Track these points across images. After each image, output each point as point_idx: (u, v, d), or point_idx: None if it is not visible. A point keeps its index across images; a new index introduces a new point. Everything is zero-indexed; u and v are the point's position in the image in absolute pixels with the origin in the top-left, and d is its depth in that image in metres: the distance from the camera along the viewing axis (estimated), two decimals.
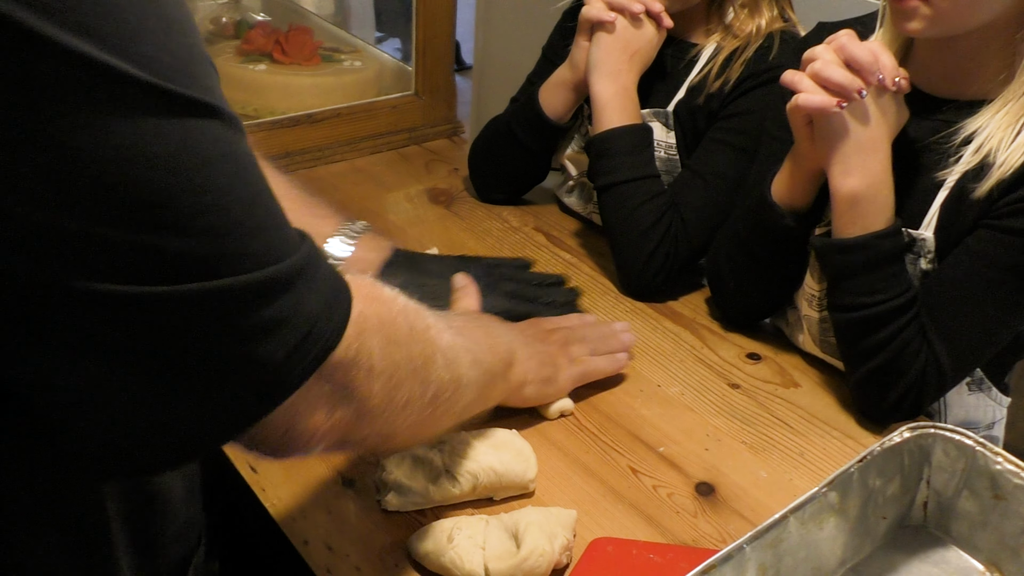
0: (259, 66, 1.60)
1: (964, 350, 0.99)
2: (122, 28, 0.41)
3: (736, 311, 1.19)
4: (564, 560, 0.81)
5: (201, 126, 0.45)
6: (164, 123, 0.43)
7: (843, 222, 0.98)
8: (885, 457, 0.79)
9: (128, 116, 0.41)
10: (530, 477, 0.89)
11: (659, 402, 1.05)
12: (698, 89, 1.26)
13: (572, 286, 1.17)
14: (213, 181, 0.45)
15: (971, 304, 0.97)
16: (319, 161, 1.51)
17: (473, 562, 0.78)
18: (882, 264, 0.97)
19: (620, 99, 1.23)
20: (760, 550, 0.71)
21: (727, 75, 1.24)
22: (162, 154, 0.43)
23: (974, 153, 0.95)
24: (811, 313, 1.08)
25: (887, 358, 0.98)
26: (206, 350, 0.46)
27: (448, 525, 0.81)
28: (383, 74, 1.70)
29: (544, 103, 1.32)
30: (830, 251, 1.00)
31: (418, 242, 1.32)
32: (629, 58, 1.23)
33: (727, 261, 1.14)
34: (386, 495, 0.86)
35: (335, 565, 0.82)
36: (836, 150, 0.96)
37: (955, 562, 0.82)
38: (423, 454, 0.86)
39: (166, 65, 0.43)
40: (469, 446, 0.88)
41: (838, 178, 0.97)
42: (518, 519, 0.81)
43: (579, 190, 1.40)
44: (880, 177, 0.96)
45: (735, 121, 1.24)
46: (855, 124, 0.95)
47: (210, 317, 0.46)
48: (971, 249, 0.97)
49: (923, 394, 0.99)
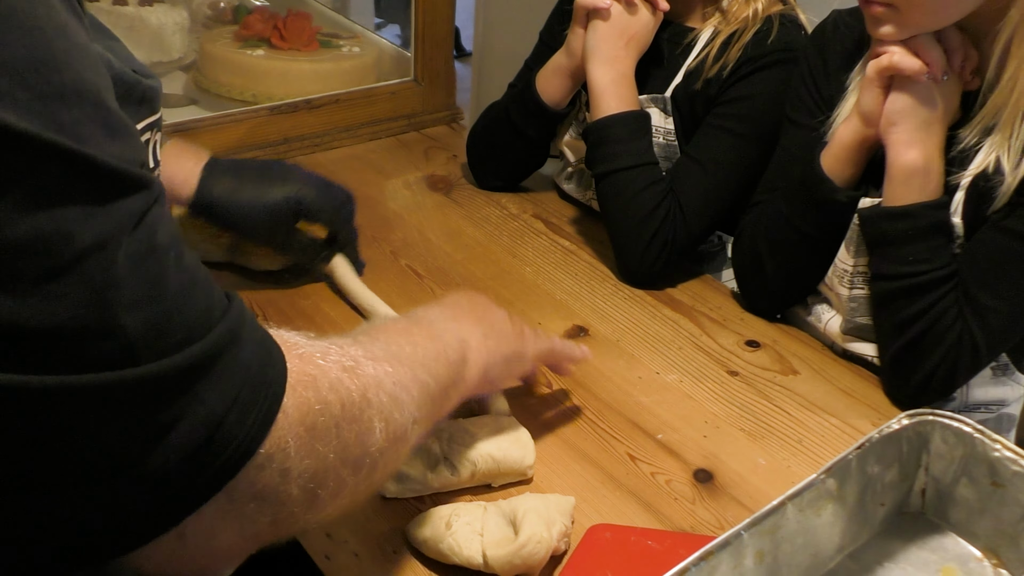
0: (257, 51, 1.60)
1: (997, 326, 1.00)
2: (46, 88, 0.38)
3: (772, 297, 1.18)
4: (562, 547, 0.81)
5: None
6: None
7: (896, 192, 1.00)
8: (883, 444, 0.79)
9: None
10: (528, 464, 0.89)
11: (657, 389, 1.05)
12: (696, 74, 1.25)
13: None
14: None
15: (1003, 279, 0.99)
16: (317, 148, 1.51)
17: (471, 548, 0.78)
18: (929, 234, 0.99)
19: (617, 86, 1.22)
20: (758, 537, 0.71)
21: (725, 59, 1.23)
22: None
23: (981, 164, 0.98)
24: (842, 291, 1.08)
25: (924, 328, 1.00)
26: (95, 450, 0.40)
27: (446, 512, 0.81)
28: (382, 60, 1.69)
29: (541, 90, 1.32)
30: (880, 219, 1.02)
31: (417, 229, 1.32)
32: (625, 44, 1.22)
33: (767, 243, 1.13)
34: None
35: (333, 551, 0.82)
36: (904, 121, 0.99)
37: (953, 549, 0.82)
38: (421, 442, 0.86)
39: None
40: (468, 434, 0.88)
41: (900, 147, 0.99)
42: (516, 506, 0.81)
43: (578, 176, 1.40)
44: (935, 154, 0.99)
45: (734, 106, 1.23)
46: (928, 100, 0.98)
47: (110, 413, 0.40)
48: (1000, 226, 0.98)
49: (956, 369, 1.00)
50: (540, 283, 1.22)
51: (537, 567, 0.78)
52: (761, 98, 1.21)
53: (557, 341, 0.96)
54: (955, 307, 1.00)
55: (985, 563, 0.80)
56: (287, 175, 1.08)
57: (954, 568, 0.80)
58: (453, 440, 0.87)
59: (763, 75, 1.21)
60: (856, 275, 1.06)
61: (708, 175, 1.22)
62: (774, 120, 1.19)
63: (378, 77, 1.65)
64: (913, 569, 0.80)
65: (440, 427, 0.87)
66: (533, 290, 1.21)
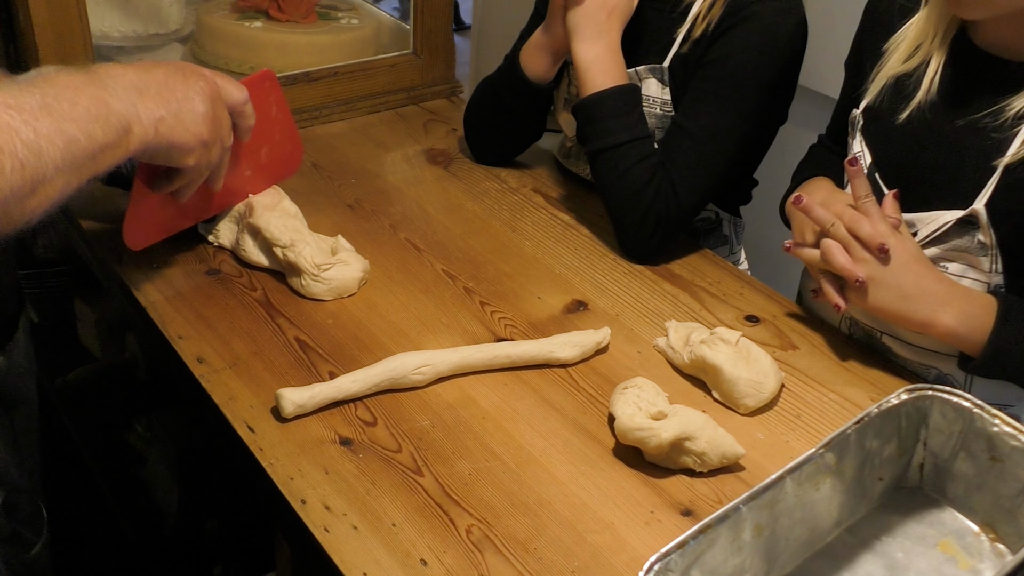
0: (255, 23, 1.58)
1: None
2: None
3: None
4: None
5: None
6: None
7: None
8: (882, 419, 0.79)
9: None
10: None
11: (656, 363, 1.05)
12: (687, 39, 1.22)
13: None
14: None
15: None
16: (316, 121, 1.50)
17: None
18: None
19: (603, 62, 1.20)
20: (757, 510, 0.72)
21: (709, 17, 1.20)
22: None
23: (1020, 147, 0.96)
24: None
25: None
26: None
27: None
28: (381, 33, 1.68)
29: (525, 65, 1.30)
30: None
31: (416, 203, 1.32)
32: (607, 16, 1.20)
33: None
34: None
35: (332, 524, 0.82)
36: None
37: (950, 523, 0.82)
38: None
39: None
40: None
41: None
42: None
43: (576, 151, 1.39)
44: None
45: (715, 68, 1.20)
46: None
47: None
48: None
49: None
50: (540, 257, 1.22)
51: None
52: (742, 54, 1.18)
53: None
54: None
55: (982, 537, 0.81)
56: None
57: (951, 542, 0.80)
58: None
59: (742, 29, 1.17)
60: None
61: (697, 145, 1.20)
62: (759, 77, 1.17)
63: (377, 50, 1.63)
64: (910, 543, 0.80)
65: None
66: (532, 264, 1.20)
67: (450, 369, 0.99)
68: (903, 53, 1.06)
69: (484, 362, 1.00)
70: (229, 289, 1.11)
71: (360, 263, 1.12)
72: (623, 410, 0.90)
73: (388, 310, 1.10)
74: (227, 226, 1.17)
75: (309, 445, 0.90)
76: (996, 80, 0.99)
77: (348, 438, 0.91)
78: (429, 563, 0.79)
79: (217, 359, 1.00)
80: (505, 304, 1.12)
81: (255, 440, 0.90)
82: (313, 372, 0.99)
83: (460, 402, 0.97)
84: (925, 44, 1.04)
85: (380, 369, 0.96)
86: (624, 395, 0.92)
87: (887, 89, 1.08)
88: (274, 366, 1.00)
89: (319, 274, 1.08)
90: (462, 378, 1.00)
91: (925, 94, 1.04)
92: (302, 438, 0.91)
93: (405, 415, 0.95)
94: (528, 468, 0.89)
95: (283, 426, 0.92)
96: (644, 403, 0.91)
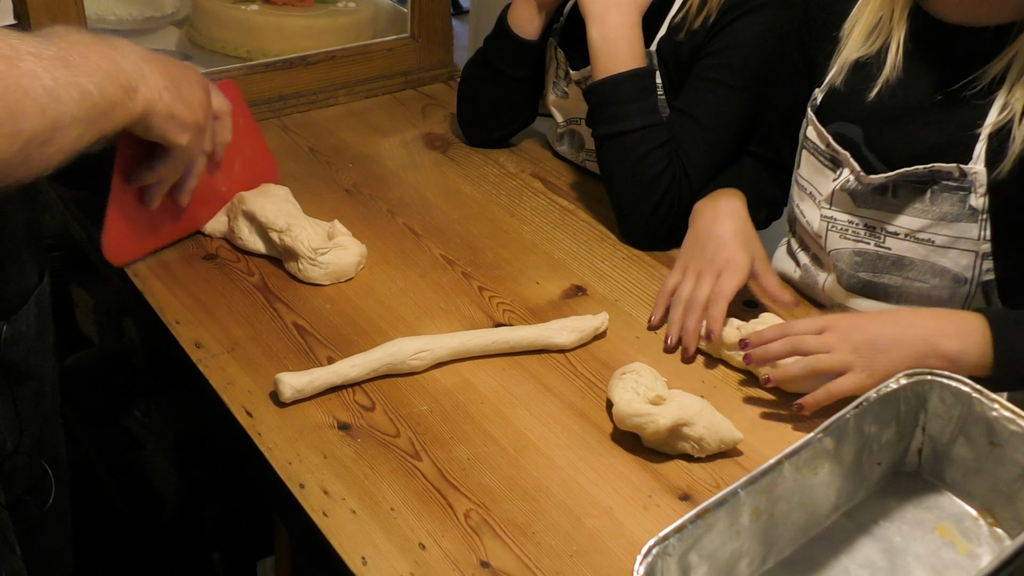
0: (251, 6, 1.57)
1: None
2: None
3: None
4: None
5: None
6: None
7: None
8: (881, 404, 0.79)
9: None
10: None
11: (654, 349, 1.05)
12: (680, 26, 1.22)
13: None
14: None
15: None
16: (313, 105, 1.49)
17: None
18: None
19: (615, 42, 1.18)
20: (755, 495, 0.72)
21: (708, 8, 1.20)
22: None
23: (1000, 112, 0.96)
24: (843, 244, 1.08)
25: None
26: None
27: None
28: (378, 16, 1.67)
29: (512, 23, 1.30)
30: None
31: (414, 188, 1.31)
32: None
33: None
34: None
35: (331, 508, 0.82)
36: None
37: (948, 508, 0.82)
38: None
39: None
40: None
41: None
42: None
43: (568, 137, 1.38)
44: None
45: (721, 57, 1.20)
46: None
47: None
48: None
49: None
50: (538, 242, 1.22)
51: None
52: (748, 45, 1.18)
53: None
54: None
55: (980, 522, 0.81)
56: None
57: (949, 527, 0.80)
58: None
59: (747, 20, 1.18)
60: (861, 227, 1.05)
61: (705, 131, 1.20)
62: (763, 66, 1.18)
63: (374, 34, 1.62)
64: (908, 528, 0.80)
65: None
66: (531, 249, 1.20)
67: (448, 354, 0.99)
68: (861, 34, 1.05)
69: (482, 347, 1.00)
70: (227, 274, 1.11)
71: (357, 247, 1.12)
72: (621, 395, 0.90)
73: (386, 295, 1.09)
74: (217, 219, 1.17)
75: (307, 430, 0.90)
76: (970, 49, 0.98)
77: (346, 423, 0.91)
78: (427, 547, 0.79)
79: (215, 344, 0.99)
80: (503, 289, 1.12)
81: (253, 425, 0.90)
82: (311, 357, 0.99)
83: (458, 387, 0.97)
84: (884, 22, 1.03)
85: (378, 354, 0.96)
86: (622, 380, 0.92)
87: (846, 72, 1.06)
88: (272, 351, 0.99)
89: (316, 258, 1.08)
90: (460, 363, 1.00)
91: (892, 70, 1.03)
92: (300, 423, 0.90)
93: (403, 400, 0.95)
94: (526, 453, 0.89)
95: (281, 411, 0.92)
96: (642, 388, 0.91)
